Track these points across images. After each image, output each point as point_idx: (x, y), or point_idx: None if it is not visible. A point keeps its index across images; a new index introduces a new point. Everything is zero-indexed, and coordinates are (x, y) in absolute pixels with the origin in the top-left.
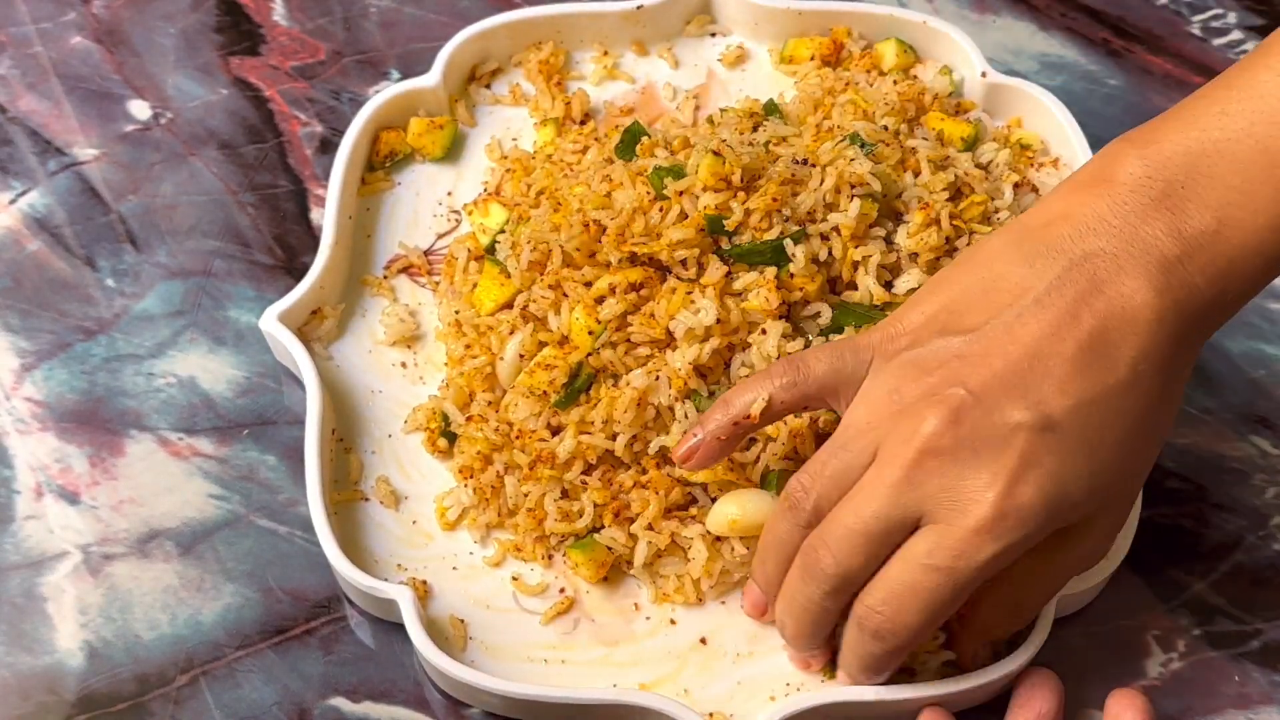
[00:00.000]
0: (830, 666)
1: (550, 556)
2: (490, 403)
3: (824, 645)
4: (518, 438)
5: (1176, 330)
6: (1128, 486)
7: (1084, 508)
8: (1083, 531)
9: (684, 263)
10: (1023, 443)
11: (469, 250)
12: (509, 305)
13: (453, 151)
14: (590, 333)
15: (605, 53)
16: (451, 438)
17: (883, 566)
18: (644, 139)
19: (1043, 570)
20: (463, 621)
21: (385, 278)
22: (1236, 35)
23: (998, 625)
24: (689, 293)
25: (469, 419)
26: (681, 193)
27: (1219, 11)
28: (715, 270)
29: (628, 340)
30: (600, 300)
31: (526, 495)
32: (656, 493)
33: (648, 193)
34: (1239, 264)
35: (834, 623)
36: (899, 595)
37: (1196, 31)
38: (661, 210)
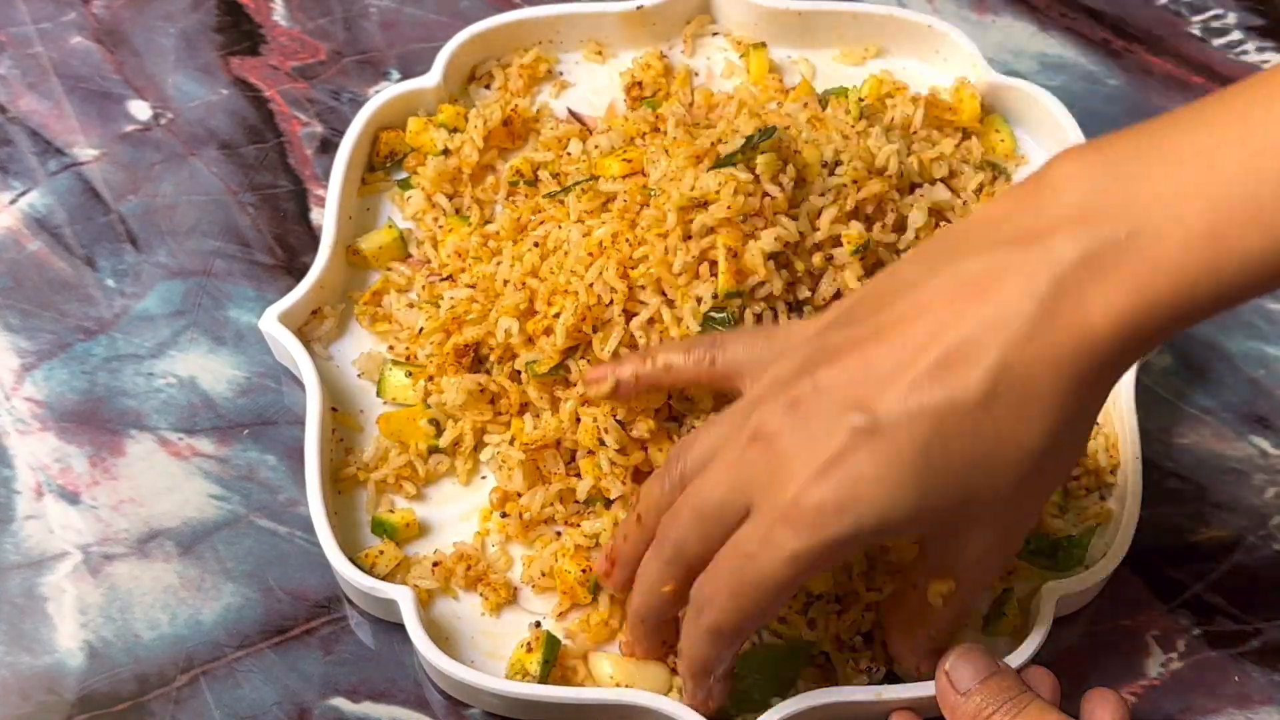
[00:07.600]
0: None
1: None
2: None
3: (654, 633)
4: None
5: (1057, 354)
6: (993, 515)
7: (911, 525)
8: (949, 555)
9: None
10: (840, 442)
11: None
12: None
13: None
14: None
15: (600, 53)
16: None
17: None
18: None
19: (918, 596)
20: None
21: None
22: (1236, 35)
23: (907, 649)
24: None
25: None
26: None
27: (1219, 12)
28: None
29: None
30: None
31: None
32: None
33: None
34: (1144, 301)
35: (669, 606)
36: (719, 579)
37: (1196, 32)
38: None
